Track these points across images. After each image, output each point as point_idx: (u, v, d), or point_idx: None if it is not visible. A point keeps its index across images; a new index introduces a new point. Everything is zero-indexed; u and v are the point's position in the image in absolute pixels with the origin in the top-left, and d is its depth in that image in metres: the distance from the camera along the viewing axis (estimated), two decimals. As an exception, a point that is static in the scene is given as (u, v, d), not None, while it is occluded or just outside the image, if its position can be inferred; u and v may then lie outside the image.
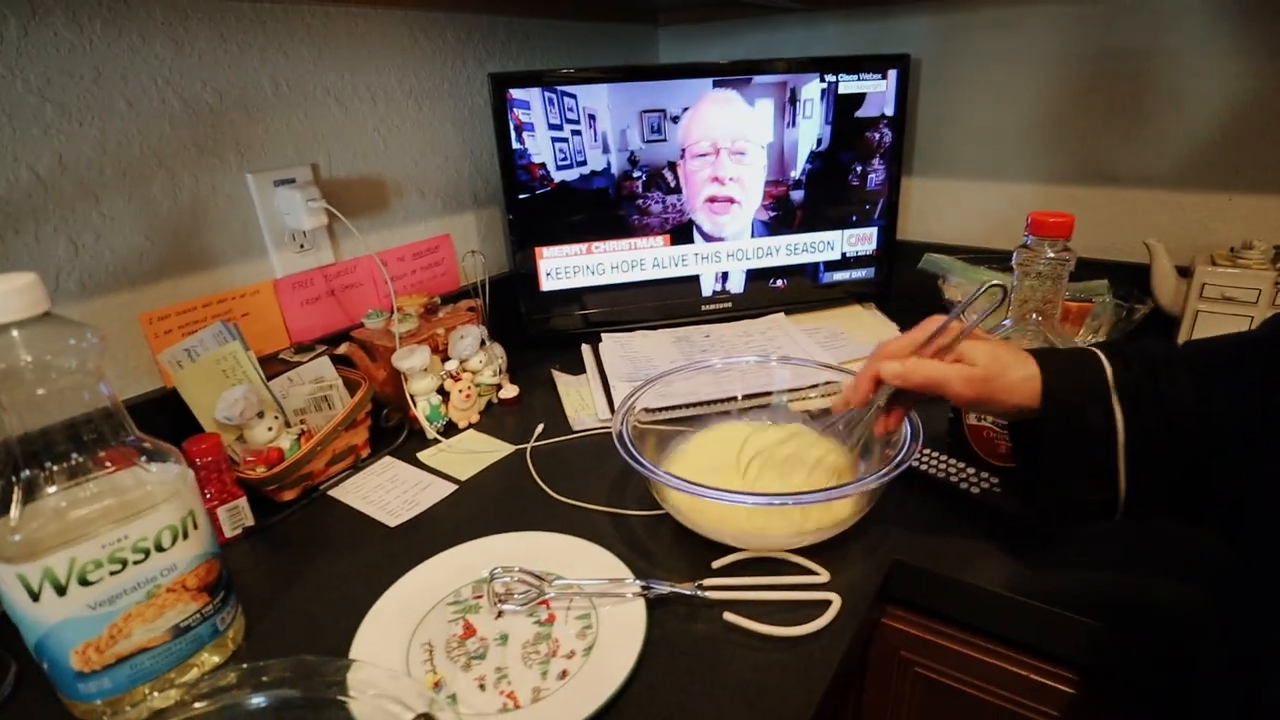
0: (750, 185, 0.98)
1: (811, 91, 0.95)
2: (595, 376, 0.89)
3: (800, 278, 1.05)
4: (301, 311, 0.82)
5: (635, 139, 0.92)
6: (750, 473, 0.61)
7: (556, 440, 0.77)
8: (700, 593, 0.51)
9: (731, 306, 1.04)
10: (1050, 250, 0.56)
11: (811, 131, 0.97)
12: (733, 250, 1.01)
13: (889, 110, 0.98)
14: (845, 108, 0.96)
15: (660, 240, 0.98)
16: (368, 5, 0.82)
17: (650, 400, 0.68)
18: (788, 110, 0.95)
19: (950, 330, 0.50)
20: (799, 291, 1.06)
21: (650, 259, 0.99)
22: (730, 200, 0.98)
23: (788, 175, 0.98)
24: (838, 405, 0.56)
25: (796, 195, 1.00)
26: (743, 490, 0.52)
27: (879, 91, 0.97)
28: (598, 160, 0.92)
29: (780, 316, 1.04)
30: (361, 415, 0.73)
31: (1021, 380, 0.46)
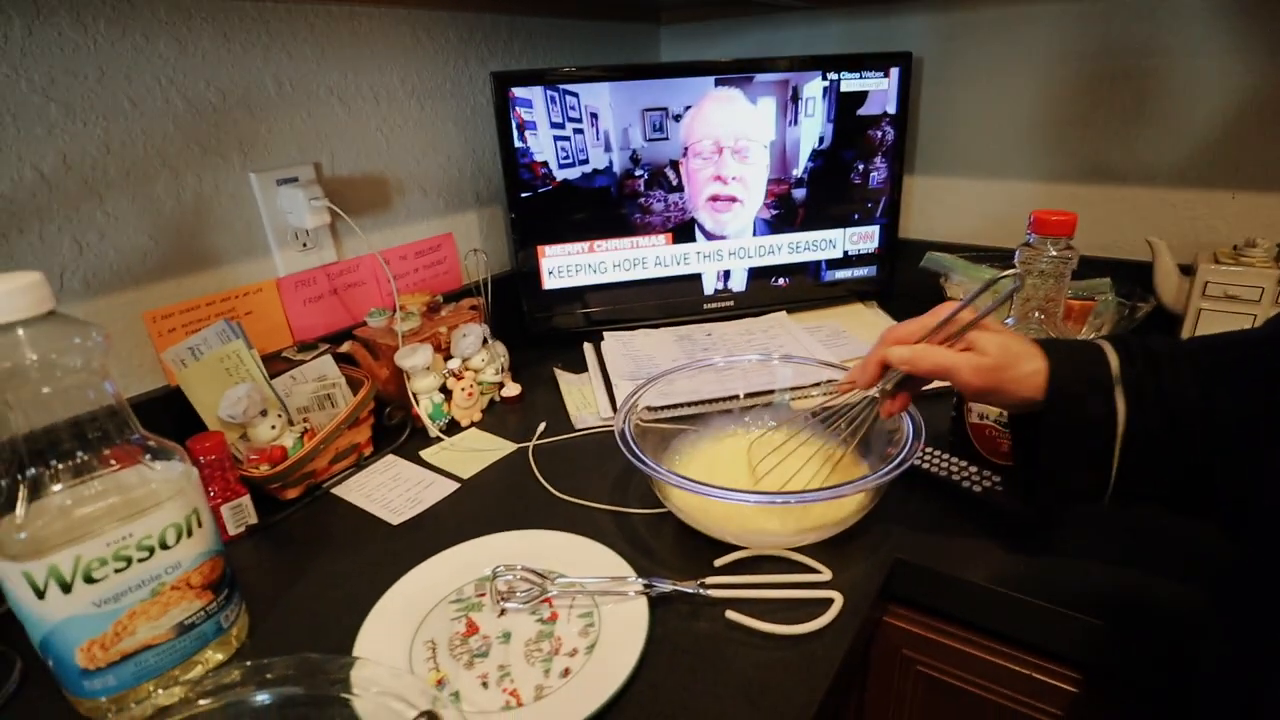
0: (752, 184, 0.98)
1: (813, 90, 0.95)
2: (597, 375, 0.89)
3: (802, 276, 1.05)
4: (304, 310, 0.82)
5: (637, 137, 0.92)
6: (754, 471, 0.61)
7: (559, 439, 0.77)
8: (702, 591, 0.51)
9: (733, 305, 1.04)
10: (1053, 248, 0.56)
11: (813, 130, 0.97)
12: (735, 249, 1.01)
13: (891, 108, 0.98)
14: (847, 106, 0.96)
15: (662, 239, 0.98)
16: (370, 4, 0.83)
17: (652, 399, 0.68)
18: (790, 108, 0.95)
19: (961, 318, 0.49)
20: (801, 290, 1.06)
21: (652, 257, 0.99)
22: (732, 199, 0.98)
23: (790, 174, 0.98)
24: (842, 387, 0.56)
25: (798, 193, 1.00)
26: (745, 488, 0.52)
27: (881, 90, 0.97)
28: (600, 159, 0.92)
29: (782, 315, 1.04)
30: (364, 413, 0.73)
31: (1031, 373, 0.45)
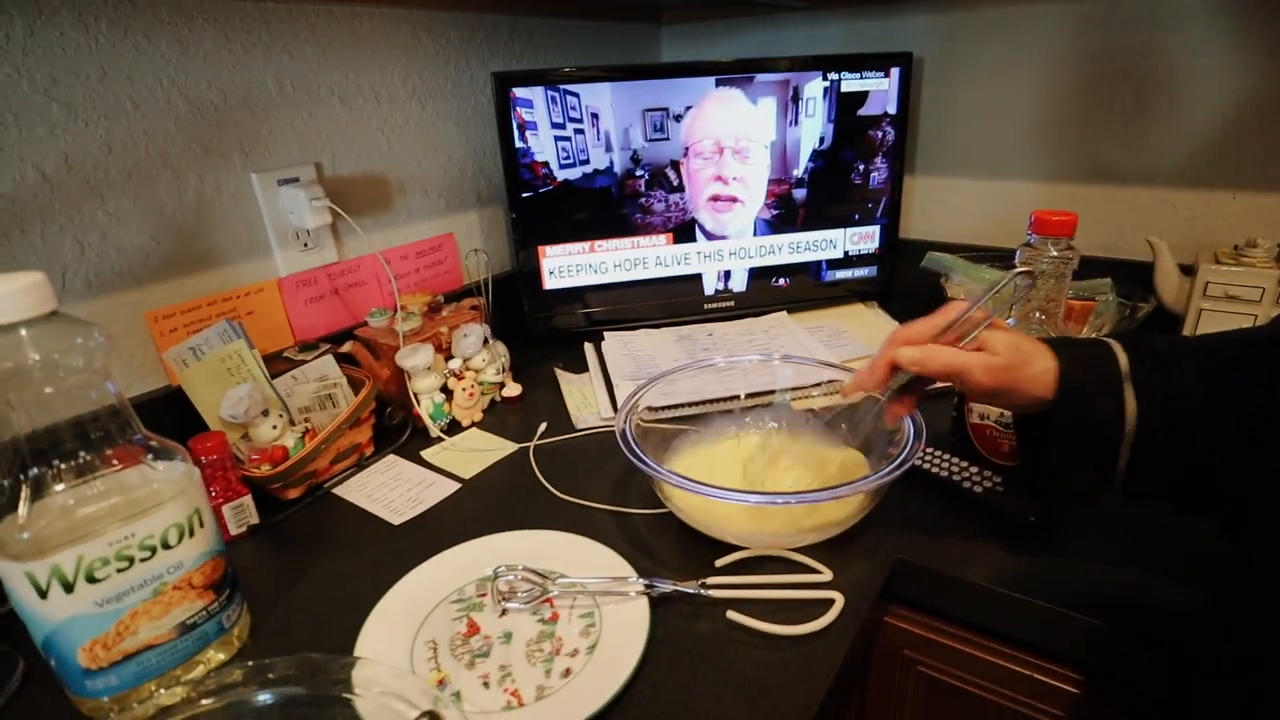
0: (753, 184, 0.98)
1: (814, 90, 0.95)
2: (598, 375, 0.89)
3: (803, 276, 1.05)
4: (305, 310, 0.82)
5: (638, 138, 0.92)
6: (754, 471, 0.61)
7: (559, 439, 0.77)
8: (703, 591, 0.51)
9: (734, 305, 1.04)
10: (1054, 249, 0.56)
11: (814, 130, 0.97)
12: (735, 249, 1.01)
13: (891, 108, 0.98)
14: (848, 106, 0.96)
15: (663, 239, 0.98)
16: (371, 4, 0.83)
17: (653, 399, 0.68)
18: (790, 109, 0.95)
19: (972, 318, 0.48)
20: (801, 290, 1.06)
21: (653, 257, 0.99)
22: (733, 199, 0.98)
23: (790, 174, 0.98)
24: (849, 389, 0.55)
25: (799, 194, 1.00)
26: (745, 489, 0.52)
27: (881, 90, 0.97)
28: (600, 159, 0.92)
29: (783, 315, 1.04)
30: (365, 413, 0.73)
31: (1042, 372, 0.45)
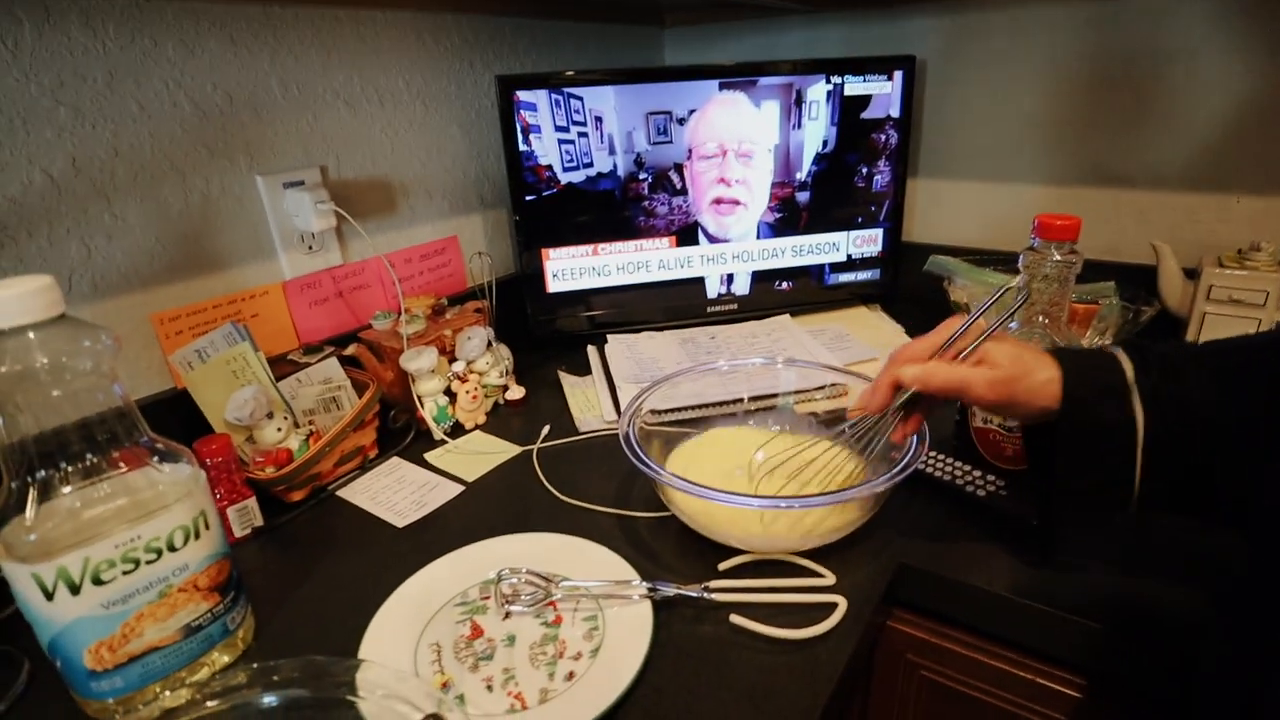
0: (756, 187, 0.98)
1: (817, 93, 0.95)
2: (601, 378, 0.89)
3: (806, 279, 1.05)
4: (310, 313, 0.82)
5: (641, 141, 0.92)
6: (758, 476, 0.61)
7: (563, 441, 0.77)
8: (706, 595, 0.52)
9: (737, 308, 1.04)
10: (1057, 253, 0.56)
11: (817, 133, 0.97)
12: (738, 252, 1.01)
13: (894, 112, 0.98)
14: (851, 109, 0.96)
15: (666, 242, 0.98)
16: (375, 8, 0.83)
17: (656, 402, 0.68)
18: (793, 112, 0.95)
19: (971, 332, 0.48)
20: (804, 293, 1.06)
21: (656, 260, 0.99)
22: (736, 202, 0.98)
23: (793, 177, 0.98)
24: (854, 411, 0.54)
25: (802, 197, 1.00)
26: (749, 493, 0.52)
27: (884, 93, 0.97)
28: (604, 162, 0.92)
29: (786, 318, 1.04)
30: (369, 416, 0.73)
31: (1045, 383, 0.45)
